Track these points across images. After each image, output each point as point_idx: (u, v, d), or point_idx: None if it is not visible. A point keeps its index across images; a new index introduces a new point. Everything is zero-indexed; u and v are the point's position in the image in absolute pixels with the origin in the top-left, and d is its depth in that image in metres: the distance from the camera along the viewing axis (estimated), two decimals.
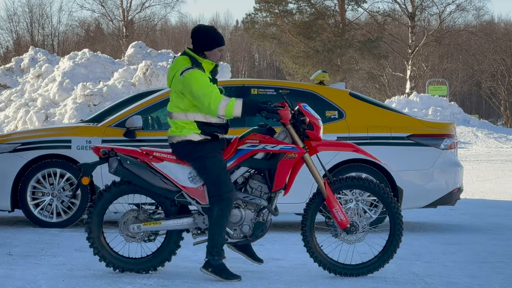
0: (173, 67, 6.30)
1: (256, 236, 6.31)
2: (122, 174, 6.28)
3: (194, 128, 6.22)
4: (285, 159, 6.22)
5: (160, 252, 6.39)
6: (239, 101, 6.12)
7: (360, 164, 9.02)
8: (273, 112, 6.17)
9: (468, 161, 24.45)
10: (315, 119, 6.29)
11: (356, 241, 6.38)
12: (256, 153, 6.26)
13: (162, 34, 69.79)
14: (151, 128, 9.28)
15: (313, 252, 6.38)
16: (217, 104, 6.08)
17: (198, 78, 6.12)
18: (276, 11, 50.30)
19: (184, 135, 6.22)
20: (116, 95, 22.71)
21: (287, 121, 6.21)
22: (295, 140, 6.26)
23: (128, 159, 6.29)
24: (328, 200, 6.30)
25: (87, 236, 6.39)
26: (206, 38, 6.27)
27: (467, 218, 10.90)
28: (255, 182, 6.29)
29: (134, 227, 6.32)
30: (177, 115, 6.25)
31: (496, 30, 65.45)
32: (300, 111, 6.30)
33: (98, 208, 6.37)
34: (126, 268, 6.36)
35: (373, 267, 6.40)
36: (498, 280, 6.40)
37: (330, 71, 46.96)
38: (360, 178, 6.40)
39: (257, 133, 6.29)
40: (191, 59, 6.26)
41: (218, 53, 6.31)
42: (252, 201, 6.27)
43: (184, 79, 6.14)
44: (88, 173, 6.34)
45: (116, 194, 6.36)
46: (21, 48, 56.94)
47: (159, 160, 6.29)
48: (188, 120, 6.22)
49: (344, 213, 6.32)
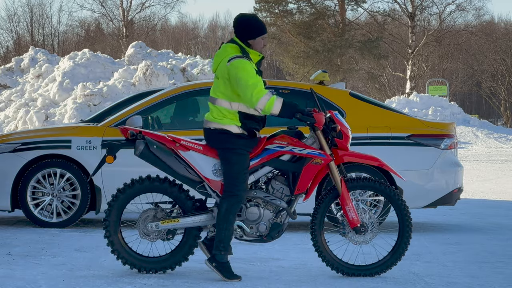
0: (221, 53, 6.26)
1: (271, 237, 6.30)
2: (148, 157, 6.25)
3: (235, 119, 6.19)
4: (311, 164, 6.21)
5: (179, 250, 6.35)
6: (279, 100, 6.11)
7: (359, 164, 9.01)
8: (308, 115, 6.16)
9: (468, 161, 24.45)
10: (346, 129, 6.31)
11: (363, 242, 6.38)
12: (283, 154, 6.25)
13: (162, 34, 69.79)
14: (151, 128, 9.28)
15: (320, 250, 6.37)
16: (259, 97, 6.06)
17: (246, 67, 6.10)
18: (276, 11, 50.30)
19: (224, 124, 6.18)
20: (116, 95, 22.72)
21: (320, 125, 6.19)
22: (323, 146, 6.26)
23: (155, 143, 6.26)
24: (342, 197, 6.31)
25: (105, 234, 6.30)
26: (249, 27, 6.24)
27: (467, 218, 10.90)
28: (278, 184, 6.29)
29: (152, 226, 6.29)
30: (222, 102, 6.20)
31: (496, 30, 65.43)
32: (332, 118, 6.30)
33: (119, 202, 6.31)
34: (143, 267, 6.32)
35: (381, 268, 6.39)
36: (498, 280, 6.40)
37: (330, 71, 46.96)
38: (373, 180, 6.40)
39: (286, 135, 6.29)
40: (241, 49, 6.24)
41: (261, 41, 6.28)
42: (272, 202, 6.26)
43: (231, 66, 6.11)
44: (113, 152, 6.29)
45: (139, 191, 6.32)
46: (21, 48, 56.95)
47: (186, 148, 6.26)
48: (231, 110, 6.18)
49: (356, 212, 6.33)
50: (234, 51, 6.22)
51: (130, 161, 7.93)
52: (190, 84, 9.87)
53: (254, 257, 7.21)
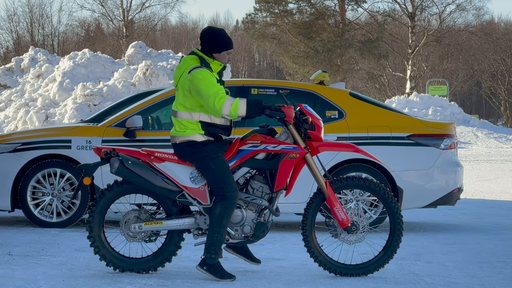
0: (181, 66, 6.31)
1: (257, 237, 6.32)
2: (124, 174, 6.28)
3: (197, 128, 6.23)
4: (287, 159, 6.22)
5: (161, 252, 6.39)
6: (242, 101, 6.14)
7: (360, 164, 9.02)
8: (277, 110, 6.18)
9: (468, 161, 24.45)
10: (317, 119, 6.31)
11: (356, 241, 6.38)
12: (258, 153, 6.26)
13: (162, 34, 69.80)
14: (151, 128, 9.28)
15: (313, 252, 6.39)
16: (222, 103, 6.09)
17: (206, 77, 6.14)
18: (276, 11, 50.27)
19: (187, 135, 6.22)
20: (116, 95, 22.72)
21: (290, 118, 6.21)
22: (296, 140, 6.27)
23: (130, 159, 6.29)
24: (329, 200, 6.31)
25: (88, 235, 6.37)
26: (215, 41, 6.29)
27: (467, 218, 10.90)
28: (256, 183, 6.30)
29: (136, 227, 6.32)
30: (182, 114, 6.25)
31: (496, 30, 65.43)
32: (302, 111, 6.30)
33: (100, 207, 6.37)
34: (126, 268, 6.36)
35: (373, 267, 6.40)
36: (498, 280, 6.40)
37: (330, 71, 46.95)
38: (360, 178, 6.41)
39: (259, 133, 6.30)
40: (200, 59, 6.28)
41: (227, 55, 6.33)
42: (253, 202, 6.27)
43: (192, 77, 6.16)
44: (89, 173, 6.35)
45: (118, 193, 6.37)
46: (21, 48, 56.96)
47: (161, 160, 6.30)
48: (193, 120, 6.23)
49: (345, 212, 6.33)
50: (194, 62, 6.28)
51: None
52: None
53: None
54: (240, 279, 6.23)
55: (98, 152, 6.37)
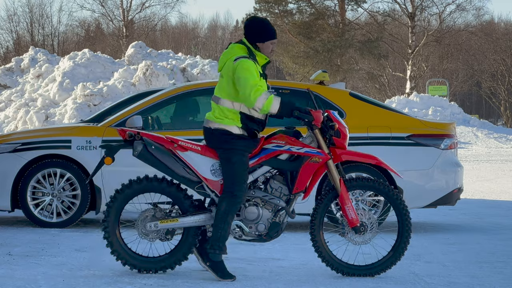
0: (228, 53, 6.30)
1: (270, 236, 6.31)
2: (146, 158, 6.26)
3: (237, 119, 6.21)
4: (309, 163, 6.22)
5: (178, 251, 6.35)
6: (277, 98, 6.15)
7: (360, 164, 9.01)
8: (306, 113, 6.17)
9: (468, 161, 24.45)
10: (343, 127, 6.31)
11: (362, 242, 6.38)
12: (281, 153, 6.26)
13: (162, 34, 69.79)
14: (151, 128, 9.28)
15: (320, 251, 6.37)
16: (258, 96, 6.08)
17: (250, 68, 6.14)
18: (276, 11, 50.28)
19: (225, 124, 6.20)
20: (116, 95, 22.74)
21: (318, 122, 6.19)
22: (321, 145, 6.26)
23: (153, 144, 6.27)
24: (341, 197, 6.31)
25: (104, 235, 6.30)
26: (260, 30, 6.28)
27: (467, 218, 10.90)
28: (276, 183, 6.30)
29: (151, 225, 6.30)
30: (225, 101, 6.23)
31: (496, 30, 65.42)
32: (329, 117, 6.30)
33: (118, 203, 6.32)
34: (142, 267, 6.32)
35: (380, 268, 6.39)
36: (498, 280, 6.40)
37: (330, 71, 46.95)
38: (372, 179, 6.41)
39: (284, 134, 6.30)
40: (248, 49, 6.28)
41: (270, 45, 6.32)
42: (270, 201, 6.27)
43: (237, 64, 6.15)
44: (111, 153, 6.32)
45: (136, 191, 6.33)
46: (21, 48, 56.95)
47: (184, 149, 6.28)
48: (234, 109, 6.21)
49: (355, 212, 6.33)
50: (241, 51, 6.26)
51: (130, 161, 7.92)
52: (190, 84, 9.87)
53: (254, 257, 7.22)
54: (240, 279, 6.23)
55: (122, 134, 6.33)
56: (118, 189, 6.35)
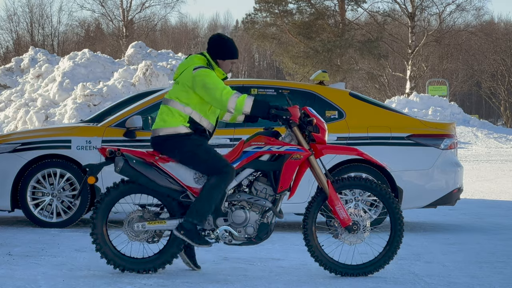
0: (187, 63, 6.36)
1: (260, 238, 6.32)
2: (128, 173, 6.28)
3: (184, 121, 6.25)
4: (290, 160, 6.23)
5: (163, 253, 6.37)
6: (250, 97, 6.18)
7: (360, 164, 9.02)
8: (282, 110, 6.19)
9: (468, 161, 24.45)
10: (321, 122, 6.33)
11: (357, 241, 6.38)
12: (262, 155, 6.27)
13: (162, 34, 69.79)
14: (151, 128, 9.27)
15: (314, 252, 6.39)
16: (229, 96, 6.12)
17: (212, 74, 6.21)
18: (276, 11, 50.28)
19: (172, 126, 6.23)
20: (116, 95, 22.73)
21: (296, 118, 6.22)
22: (300, 142, 6.28)
23: (134, 158, 6.30)
24: (330, 199, 6.32)
25: (91, 232, 6.35)
26: (222, 47, 6.36)
27: (467, 218, 10.90)
28: (260, 184, 6.31)
29: (139, 226, 6.31)
30: (176, 104, 6.28)
31: (496, 30, 65.43)
32: (306, 113, 6.31)
33: (105, 204, 6.35)
34: (127, 268, 6.35)
35: (374, 267, 6.40)
36: (498, 280, 6.40)
37: (330, 71, 46.95)
38: (361, 178, 6.42)
39: (263, 135, 6.31)
40: (207, 61, 6.34)
41: (230, 64, 6.40)
42: (256, 203, 6.27)
43: (197, 74, 6.19)
44: (94, 172, 6.35)
45: (124, 192, 6.36)
46: (21, 48, 56.96)
47: (165, 160, 6.31)
48: (183, 113, 6.26)
49: (346, 211, 6.33)
50: (201, 62, 6.34)
51: None
52: None
53: (254, 257, 7.22)
54: (240, 279, 6.23)
55: (103, 152, 6.38)
56: (110, 187, 6.37)
